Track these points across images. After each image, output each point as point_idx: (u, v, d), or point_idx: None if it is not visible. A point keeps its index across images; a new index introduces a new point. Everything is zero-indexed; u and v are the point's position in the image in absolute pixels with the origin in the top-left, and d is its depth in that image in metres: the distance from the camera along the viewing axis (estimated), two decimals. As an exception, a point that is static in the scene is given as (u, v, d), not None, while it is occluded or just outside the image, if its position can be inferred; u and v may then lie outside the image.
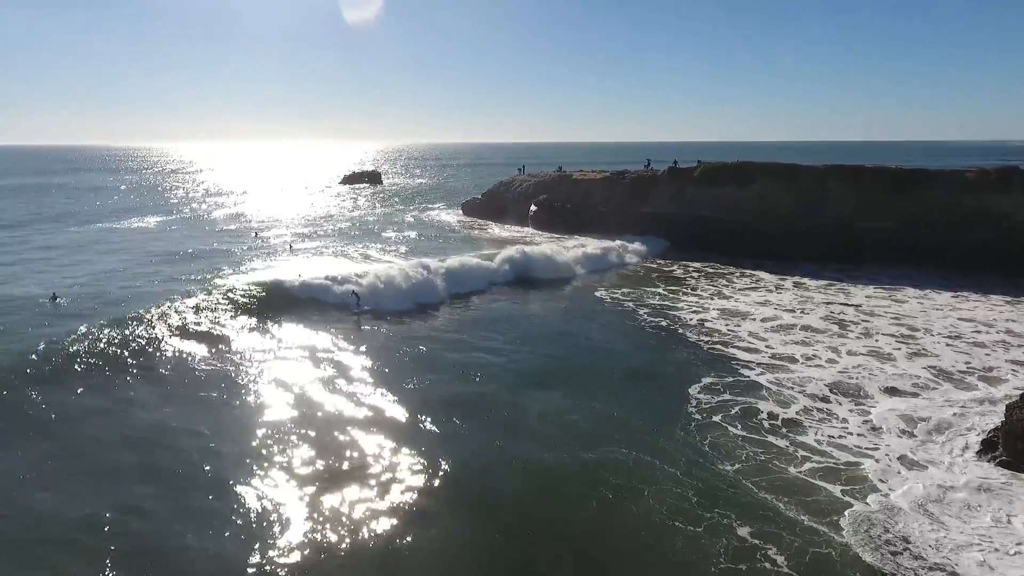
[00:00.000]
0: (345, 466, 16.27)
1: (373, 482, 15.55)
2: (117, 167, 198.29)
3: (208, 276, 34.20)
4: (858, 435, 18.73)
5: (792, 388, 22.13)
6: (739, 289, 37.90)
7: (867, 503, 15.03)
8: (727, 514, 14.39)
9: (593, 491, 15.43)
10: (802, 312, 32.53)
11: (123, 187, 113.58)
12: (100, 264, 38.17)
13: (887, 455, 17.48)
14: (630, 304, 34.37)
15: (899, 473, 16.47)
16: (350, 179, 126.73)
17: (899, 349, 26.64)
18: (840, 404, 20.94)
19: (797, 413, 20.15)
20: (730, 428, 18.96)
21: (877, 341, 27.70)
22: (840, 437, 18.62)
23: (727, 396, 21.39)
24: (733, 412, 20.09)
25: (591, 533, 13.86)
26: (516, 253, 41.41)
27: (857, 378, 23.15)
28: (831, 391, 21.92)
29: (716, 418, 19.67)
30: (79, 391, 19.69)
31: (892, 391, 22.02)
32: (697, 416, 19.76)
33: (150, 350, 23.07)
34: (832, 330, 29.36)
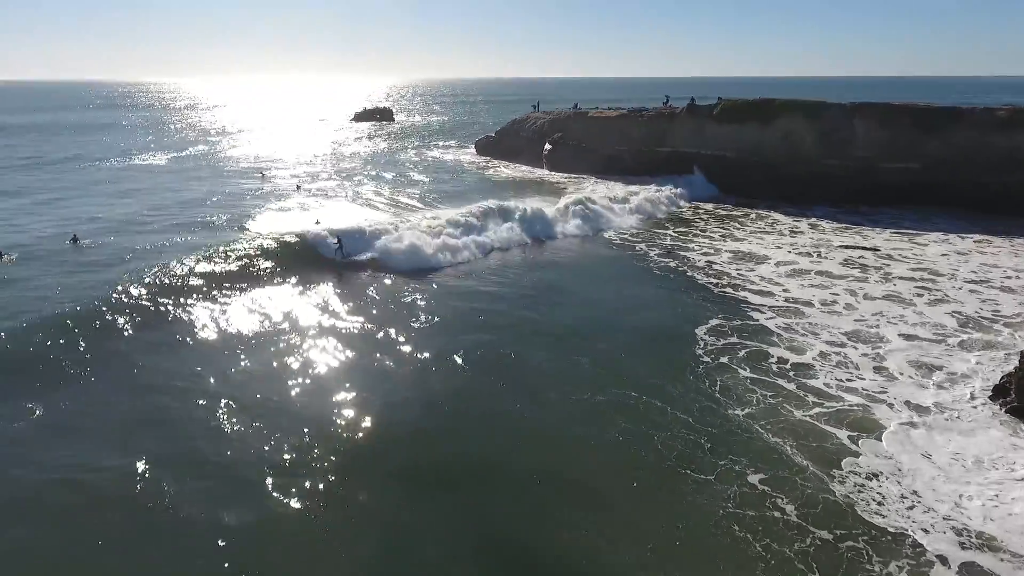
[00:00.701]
0: (362, 421, 16.63)
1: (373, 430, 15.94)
2: (123, 103, 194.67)
3: (226, 223, 33.83)
4: (870, 380, 18.73)
5: (806, 334, 22.03)
6: (752, 232, 37.33)
7: (875, 451, 15.13)
8: (738, 460, 14.56)
9: (603, 434, 15.69)
10: (819, 256, 32.04)
11: (128, 124, 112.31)
12: (118, 207, 38.11)
13: (898, 400, 17.50)
14: (641, 246, 34.07)
15: (910, 421, 16.48)
16: (362, 116, 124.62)
17: (920, 295, 26.24)
18: (855, 349, 20.84)
19: (810, 358, 20.15)
20: (740, 371, 19.04)
21: (896, 286, 27.30)
22: (850, 381, 18.64)
23: (734, 339, 21.40)
24: (741, 355, 20.15)
25: (600, 478, 14.14)
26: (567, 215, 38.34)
27: (875, 325, 22.91)
28: (847, 338, 21.76)
29: (724, 359, 19.77)
30: (109, 340, 19.81)
31: (910, 337, 21.83)
32: (706, 359, 19.82)
33: (170, 304, 22.45)
34: (851, 275, 28.94)
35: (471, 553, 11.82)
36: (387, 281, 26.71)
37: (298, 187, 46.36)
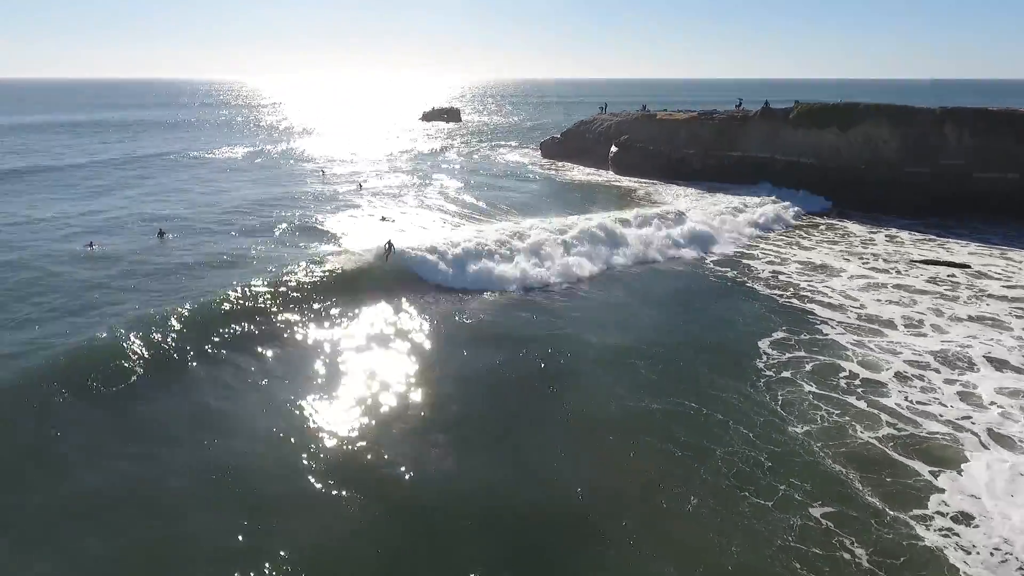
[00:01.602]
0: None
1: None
2: (196, 101, 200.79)
3: (305, 232, 32.35)
4: (953, 407, 17.37)
5: (883, 352, 20.71)
6: (820, 242, 35.62)
7: (958, 488, 13.98)
8: (800, 486, 13.81)
9: (662, 446, 15.26)
10: (897, 272, 30.14)
11: (203, 121, 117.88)
12: (200, 204, 39.88)
13: (983, 431, 16.15)
14: (698, 254, 33.18)
15: (1002, 460, 15.09)
16: (430, 115, 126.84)
17: (1020, 318, 24.15)
18: (938, 373, 19.41)
19: (885, 377, 18.95)
20: (804, 385, 18.12)
21: (989, 306, 25.33)
22: (927, 405, 17.39)
23: (801, 352, 20.43)
24: (808, 368, 19.23)
25: (656, 492, 13.77)
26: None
27: (964, 347, 21.27)
28: (933, 358, 20.32)
29: (788, 373, 18.93)
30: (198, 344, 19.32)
31: (1002, 364, 20.13)
32: (768, 373, 18.99)
33: (268, 313, 21.52)
34: (936, 292, 27.06)
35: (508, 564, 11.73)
36: (473, 304, 24.49)
37: (360, 185, 45.95)
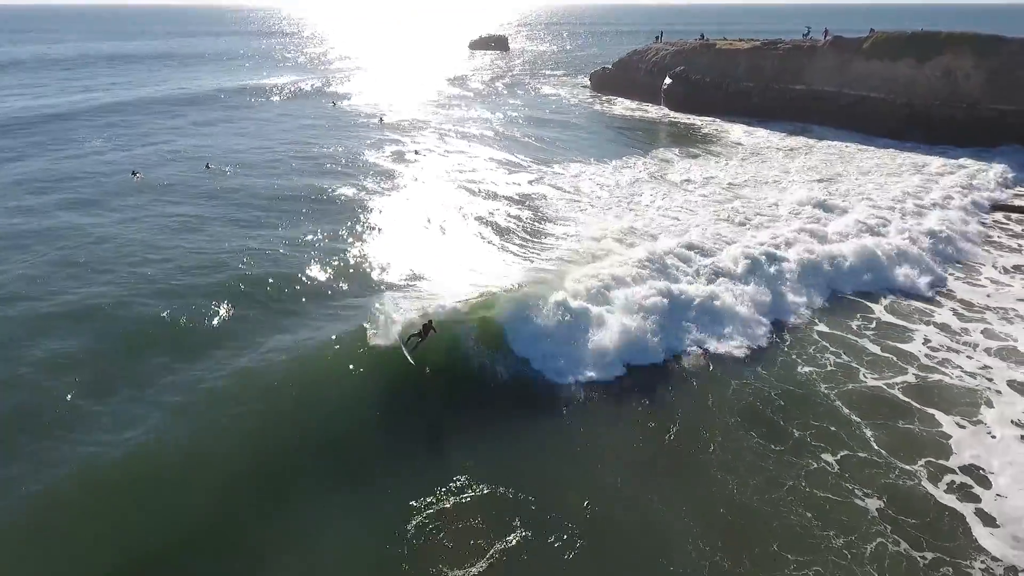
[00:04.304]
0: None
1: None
2: (224, 30, 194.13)
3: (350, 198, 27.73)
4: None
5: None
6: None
7: (978, 443, 13.53)
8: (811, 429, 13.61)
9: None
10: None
11: (248, 53, 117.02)
12: (248, 140, 40.43)
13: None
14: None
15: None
16: (477, 44, 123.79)
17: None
18: None
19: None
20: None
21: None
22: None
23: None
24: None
25: (667, 433, 13.79)
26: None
27: None
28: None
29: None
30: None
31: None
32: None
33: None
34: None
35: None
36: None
37: (416, 152, 37.52)
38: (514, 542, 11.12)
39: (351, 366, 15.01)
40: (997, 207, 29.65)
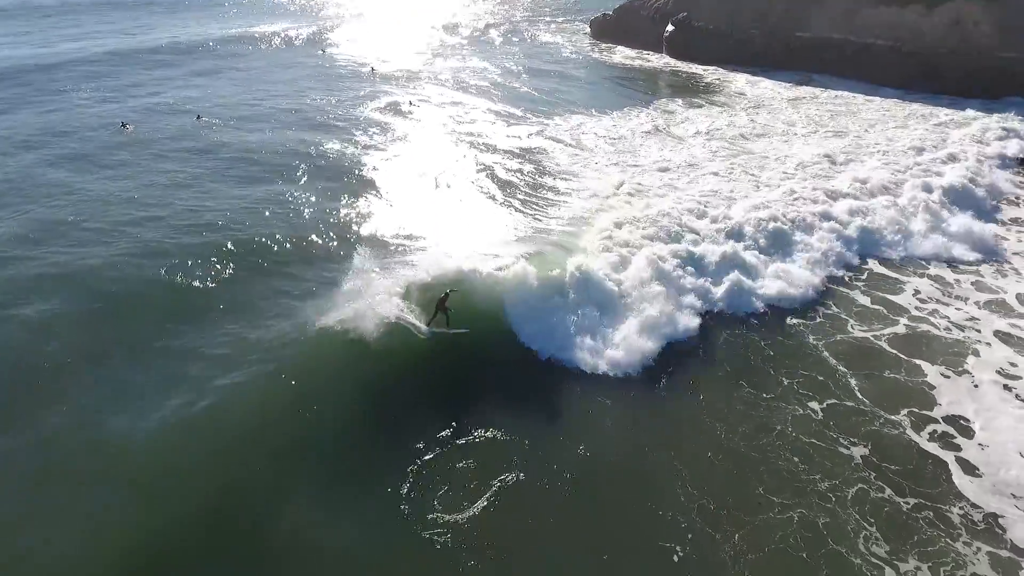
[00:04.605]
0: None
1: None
2: None
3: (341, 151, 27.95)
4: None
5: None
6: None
7: (960, 396, 13.83)
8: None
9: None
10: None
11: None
12: (237, 93, 39.27)
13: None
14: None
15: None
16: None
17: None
18: None
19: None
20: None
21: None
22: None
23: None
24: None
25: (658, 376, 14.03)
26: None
27: None
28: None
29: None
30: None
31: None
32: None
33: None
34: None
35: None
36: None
37: (411, 103, 36.53)
38: (511, 482, 11.49)
39: (349, 332, 14.47)
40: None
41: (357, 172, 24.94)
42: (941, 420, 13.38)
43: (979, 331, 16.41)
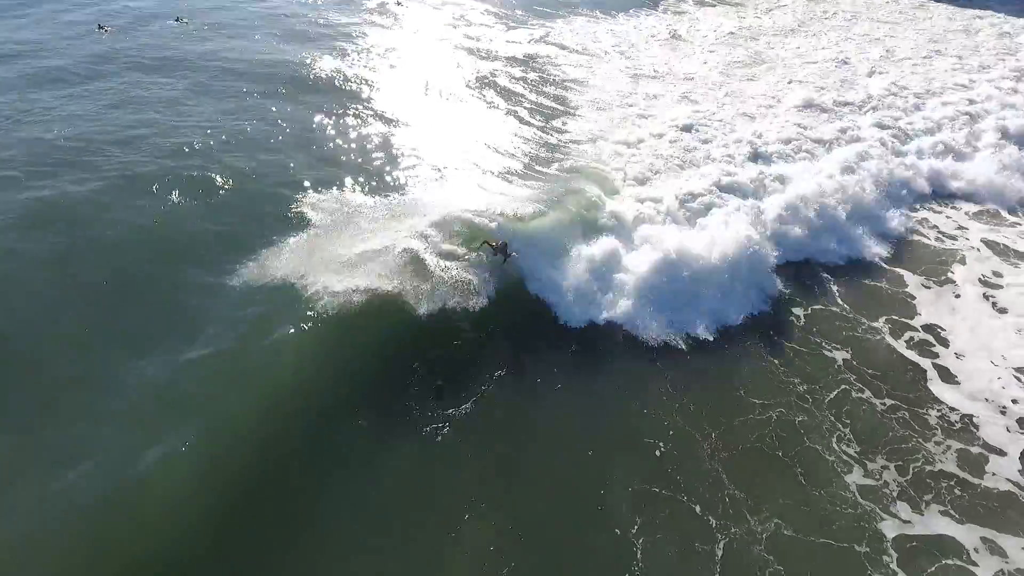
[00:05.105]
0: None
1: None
2: None
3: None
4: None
5: None
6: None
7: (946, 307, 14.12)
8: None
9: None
10: None
11: None
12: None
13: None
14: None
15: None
16: None
17: None
18: None
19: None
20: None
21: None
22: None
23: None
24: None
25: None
26: None
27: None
28: None
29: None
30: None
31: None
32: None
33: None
34: None
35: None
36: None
37: (399, 3, 34.88)
38: (502, 376, 11.80)
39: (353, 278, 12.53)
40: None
41: (347, 89, 22.72)
42: (920, 329, 13.68)
43: (968, 240, 16.47)
